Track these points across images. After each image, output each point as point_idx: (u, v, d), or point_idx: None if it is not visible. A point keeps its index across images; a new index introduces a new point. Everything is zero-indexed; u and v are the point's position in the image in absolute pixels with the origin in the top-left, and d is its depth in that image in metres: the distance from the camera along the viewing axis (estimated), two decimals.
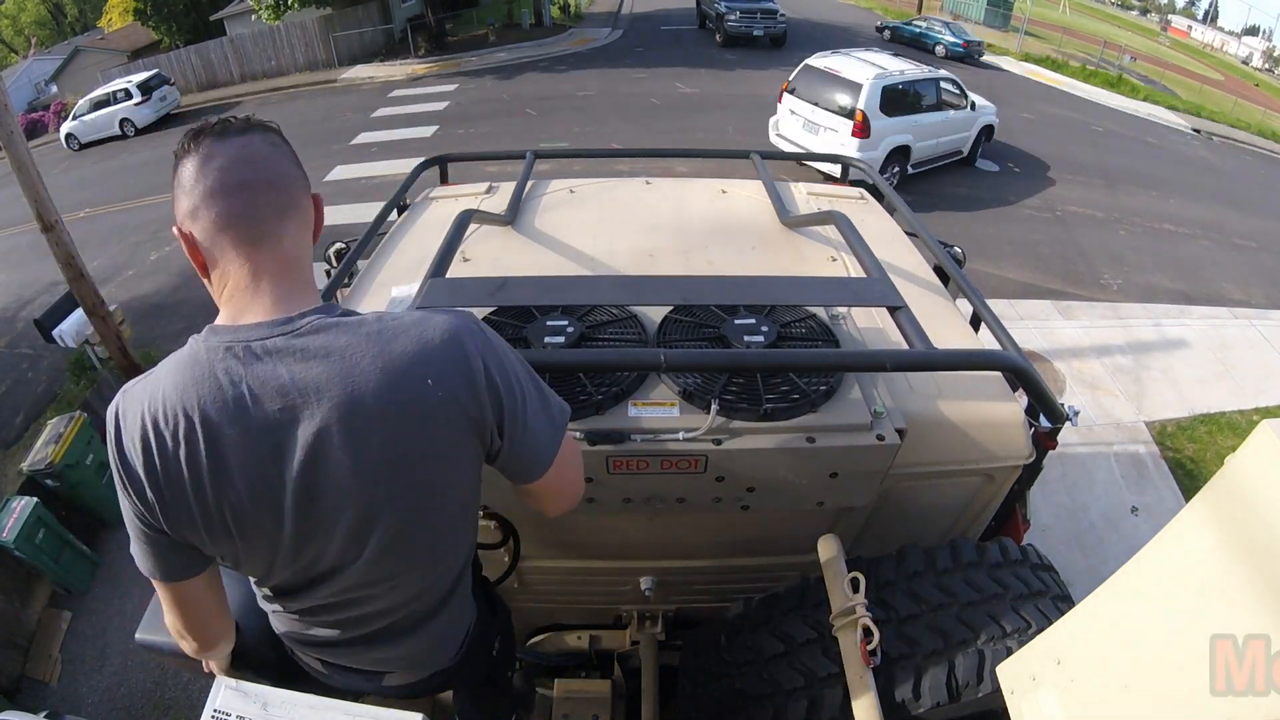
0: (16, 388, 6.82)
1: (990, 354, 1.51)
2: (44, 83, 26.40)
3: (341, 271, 2.06)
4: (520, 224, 2.29)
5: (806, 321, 1.70)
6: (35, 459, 4.67)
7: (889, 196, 2.52)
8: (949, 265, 2.04)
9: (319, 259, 2.83)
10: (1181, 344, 6.80)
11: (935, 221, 8.58)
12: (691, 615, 2.19)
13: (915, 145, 9.59)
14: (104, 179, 13.43)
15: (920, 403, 1.58)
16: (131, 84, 16.90)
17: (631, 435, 1.45)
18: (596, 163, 7.75)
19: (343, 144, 12.77)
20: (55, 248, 5.36)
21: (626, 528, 1.83)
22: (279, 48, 20.22)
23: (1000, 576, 1.47)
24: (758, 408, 1.46)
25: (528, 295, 1.65)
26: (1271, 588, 0.79)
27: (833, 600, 1.45)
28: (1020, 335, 5.96)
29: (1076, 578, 3.92)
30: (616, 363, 1.50)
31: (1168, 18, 45.94)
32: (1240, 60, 34.77)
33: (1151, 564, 0.98)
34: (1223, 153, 14.56)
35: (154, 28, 24.69)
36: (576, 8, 25.15)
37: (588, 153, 3.32)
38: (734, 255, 2.12)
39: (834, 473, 1.50)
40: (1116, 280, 8.10)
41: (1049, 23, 27.60)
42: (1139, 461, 5.34)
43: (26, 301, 8.52)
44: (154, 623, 1.32)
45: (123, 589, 4.63)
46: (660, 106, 13.97)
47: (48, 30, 33.04)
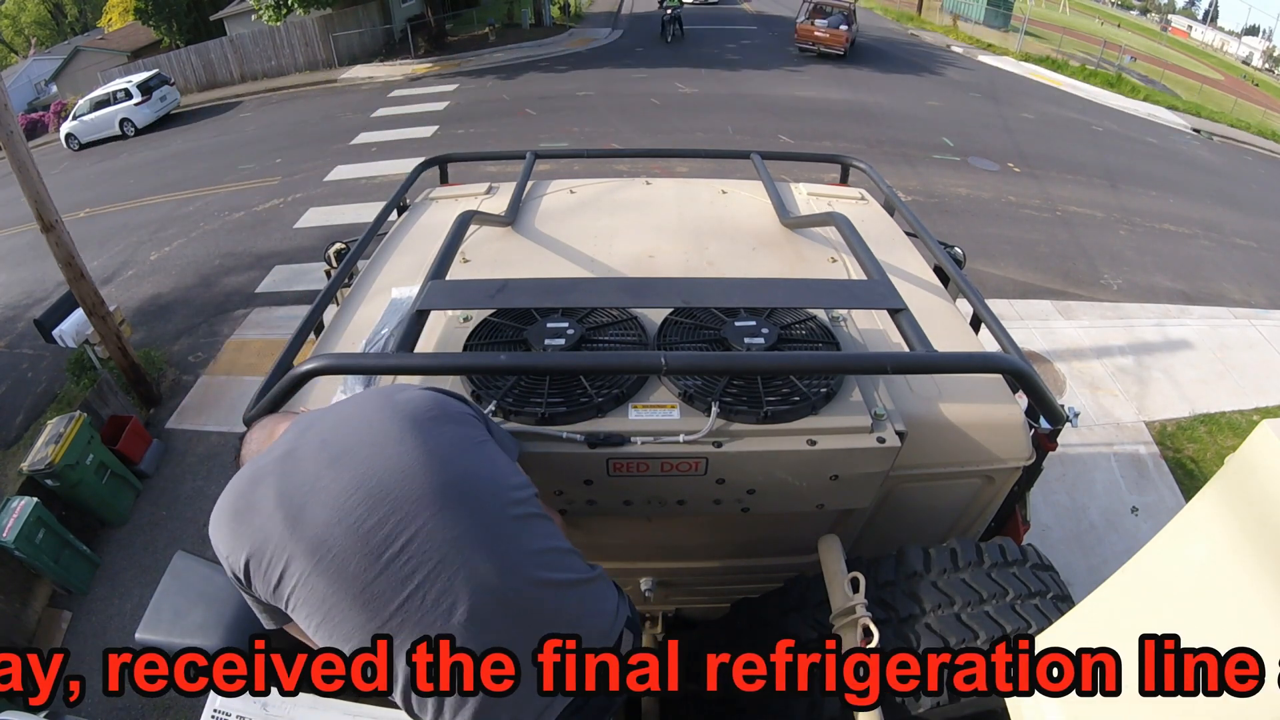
0: (16, 388, 6.82)
1: (990, 356, 1.51)
2: (44, 83, 26.40)
3: (341, 272, 2.06)
4: (520, 225, 2.29)
5: (807, 323, 1.70)
6: (35, 459, 4.66)
7: (889, 196, 2.53)
8: (949, 266, 2.04)
9: (319, 259, 2.83)
10: (1182, 344, 6.80)
11: (935, 221, 8.58)
12: (691, 616, 2.20)
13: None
14: (104, 179, 13.43)
15: (920, 404, 1.58)
16: (131, 84, 16.91)
17: (632, 438, 1.45)
18: (597, 163, 7.76)
19: (343, 144, 12.76)
20: (55, 248, 5.35)
21: (626, 529, 1.83)
22: (279, 48, 20.22)
23: (1000, 577, 1.47)
24: (758, 410, 1.46)
25: (528, 297, 1.65)
26: (1272, 586, 0.79)
27: (833, 600, 1.45)
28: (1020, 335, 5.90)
29: (1076, 578, 3.93)
30: (617, 365, 1.50)
31: (1168, 18, 45.91)
32: (1240, 60, 34.75)
33: (1151, 564, 0.98)
34: (1223, 153, 14.54)
35: (154, 28, 24.69)
36: (576, 8, 25.15)
37: (588, 153, 3.31)
38: (734, 256, 2.12)
39: (834, 475, 1.50)
40: (1117, 280, 8.10)
41: (1049, 23, 27.59)
42: (1139, 461, 5.34)
43: (27, 302, 8.52)
44: (154, 622, 1.32)
45: (122, 589, 4.63)
46: (660, 106, 13.97)
47: (48, 30, 33.02)
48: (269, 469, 1.09)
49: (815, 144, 11.69)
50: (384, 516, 1.02)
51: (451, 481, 1.07)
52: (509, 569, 1.06)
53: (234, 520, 1.07)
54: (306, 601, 1.02)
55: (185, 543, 4.89)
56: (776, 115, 13.17)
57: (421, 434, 1.11)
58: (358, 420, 1.13)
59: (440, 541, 1.03)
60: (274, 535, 1.03)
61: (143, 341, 7.08)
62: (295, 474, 1.07)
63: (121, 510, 5.11)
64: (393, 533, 1.02)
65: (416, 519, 1.03)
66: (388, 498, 1.03)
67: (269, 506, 1.04)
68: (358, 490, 1.04)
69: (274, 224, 9.80)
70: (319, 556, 1.01)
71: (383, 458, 1.07)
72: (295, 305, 7.58)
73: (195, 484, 5.39)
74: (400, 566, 1.01)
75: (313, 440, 1.11)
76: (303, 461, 1.08)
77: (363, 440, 1.09)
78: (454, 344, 1.64)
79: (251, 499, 1.07)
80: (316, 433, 1.13)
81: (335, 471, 1.06)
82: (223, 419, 5.98)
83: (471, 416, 1.22)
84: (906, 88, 15.79)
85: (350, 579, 1.01)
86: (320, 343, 1.89)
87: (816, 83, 15.79)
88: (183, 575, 1.38)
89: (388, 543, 1.01)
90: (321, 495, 1.04)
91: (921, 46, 21.33)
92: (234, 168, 12.36)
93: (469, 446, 1.14)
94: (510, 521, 1.10)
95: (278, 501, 1.04)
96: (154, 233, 10.05)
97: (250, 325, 7.40)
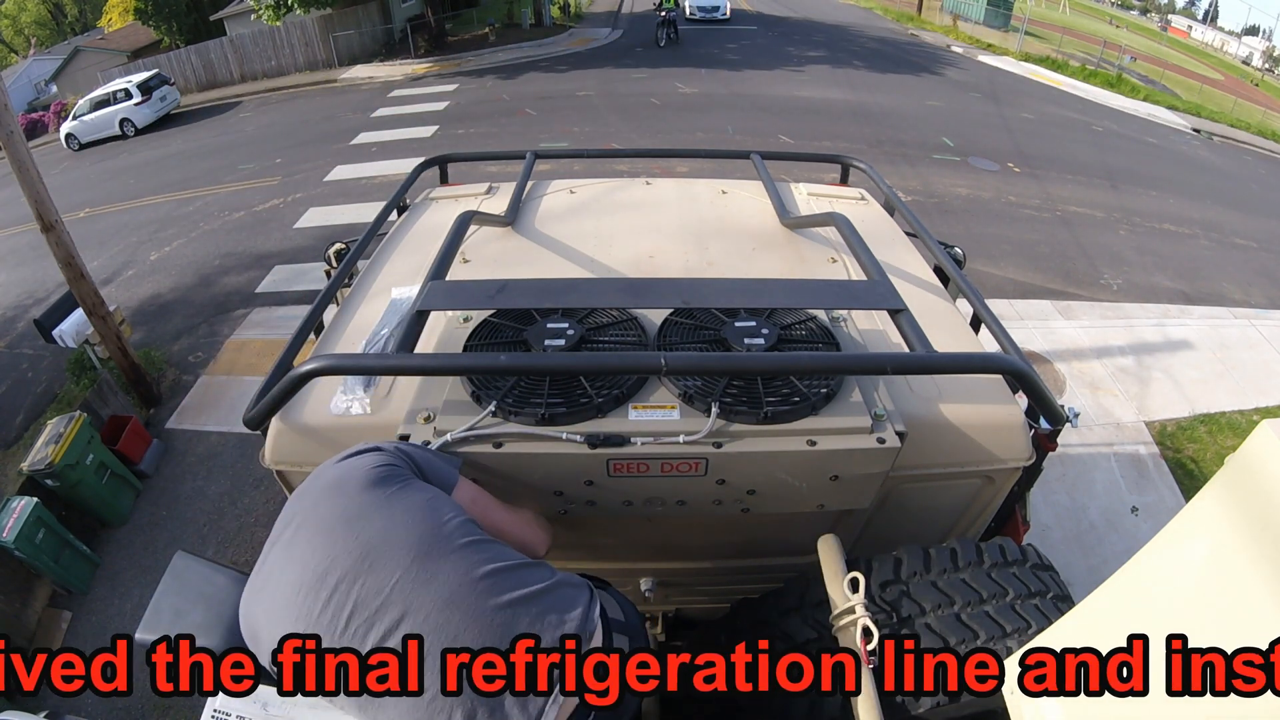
0: (16, 388, 6.82)
1: (990, 357, 1.51)
2: (44, 83, 26.42)
3: (341, 272, 2.06)
4: (520, 225, 2.29)
5: (807, 324, 1.70)
6: (35, 459, 4.67)
7: (889, 196, 2.53)
8: (949, 266, 2.04)
9: (319, 259, 2.82)
10: (1182, 344, 6.80)
11: (935, 221, 8.58)
12: (691, 616, 2.20)
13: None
14: (104, 179, 13.43)
15: (920, 405, 1.58)
16: (131, 84, 16.93)
17: (632, 438, 1.45)
18: (597, 163, 7.76)
19: (343, 144, 12.76)
20: (55, 248, 5.36)
21: (627, 529, 1.83)
22: (279, 48, 20.23)
23: (1000, 577, 1.47)
24: (758, 410, 1.46)
25: (528, 298, 1.65)
26: (1272, 586, 0.79)
27: (832, 600, 1.45)
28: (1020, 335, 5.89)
29: (1076, 578, 3.93)
30: (617, 366, 1.49)
31: (1168, 18, 45.90)
32: (1240, 60, 34.73)
33: (1151, 563, 0.98)
34: (1223, 153, 14.53)
35: (154, 27, 24.72)
36: (576, 8, 25.17)
37: (588, 153, 3.32)
38: (734, 256, 2.12)
39: (834, 475, 1.50)
40: (1117, 280, 8.10)
41: (1049, 23, 27.59)
42: (1139, 461, 5.34)
43: (27, 302, 8.52)
44: (154, 622, 1.32)
45: (122, 589, 4.63)
46: (660, 106, 13.97)
47: (48, 30, 33.04)
48: (253, 589, 1.17)
49: (815, 144, 11.69)
50: (326, 599, 1.08)
51: (371, 544, 1.10)
52: (451, 604, 1.08)
53: (250, 638, 1.18)
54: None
55: (185, 543, 4.89)
56: (776, 115, 13.17)
57: (336, 519, 1.14)
58: (295, 529, 1.17)
59: (378, 597, 1.07)
60: (267, 649, 1.12)
61: (143, 341, 7.08)
62: (260, 593, 1.15)
63: (121, 510, 5.11)
64: (338, 608, 1.07)
65: (353, 589, 1.08)
66: (324, 583, 1.08)
67: (259, 624, 1.14)
68: (299, 589, 1.09)
69: (274, 224, 9.81)
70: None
71: (314, 555, 1.11)
72: (295, 305, 7.59)
73: (195, 484, 5.39)
74: (353, 634, 1.07)
75: (271, 555, 1.17)
76: (264, 578, 1.16)
77: (298, 546, 1.14)
78: (454, 344, 1.64)
79: (247, 623, 1.17)
80: (273, 547, 1.18)
81: (285, 578, 1.12)
82: (223, 419, 5.98)
83: (376, 471, 1.20)
84: (906, 88, 15.79)
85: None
86: (320, 343, 1.89)
87: (816, 83, 15.79)
88: (183, 575, 1.37)
89: (335, 619, 1.07)
90: (284, 604, 1.11)
91: (921, 46, 21.33)
92: (234, 168, 12.38)
93: (378, 506, 1.15)
94: (442, 555, 1.12)
95: (262, 619, 1.13)
96: (154, 233, 10.06)
97: (250, 325, 7.40)
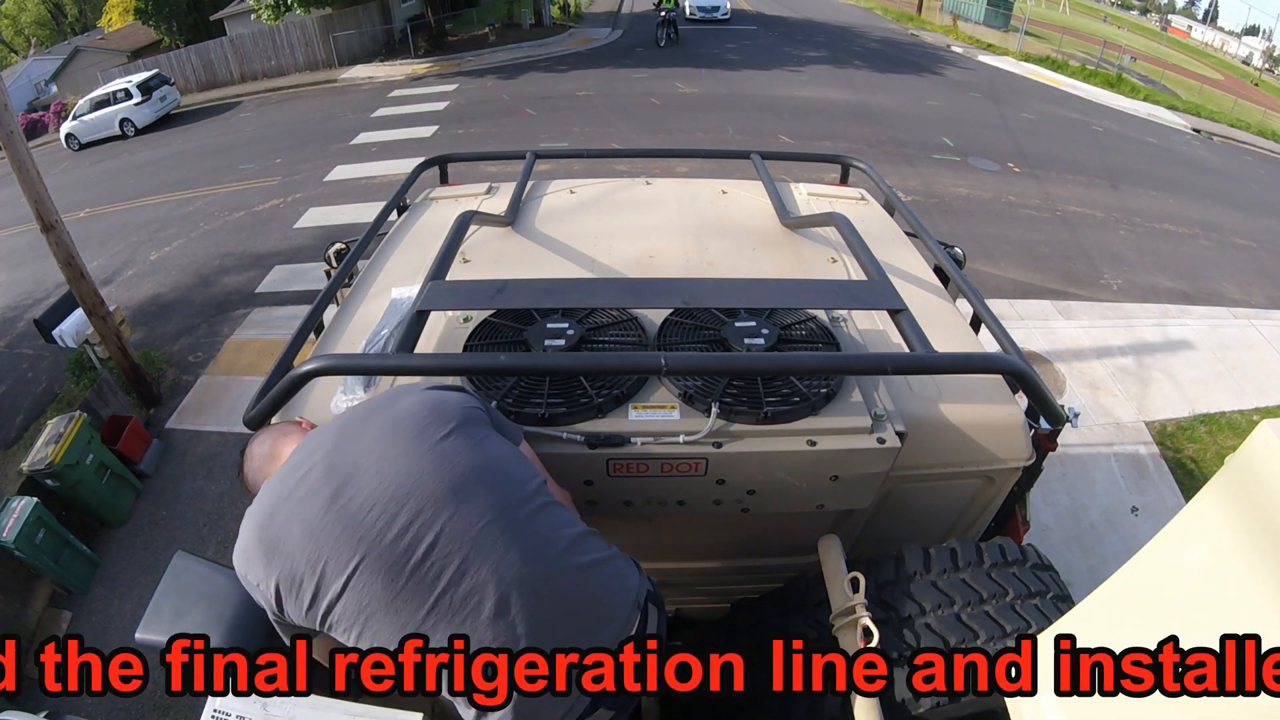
0: (16, 388, 6.82)
1: (990, 357, 1.51)
2: (44, 83, 26.41)
3: (341, 272, 2.06)
4: (520, 225, 2.29)
5: (807, 324, 1.70)
6: (35, 459, 4.66)
7: (889, 196, 2.52)
8: (949, 266, 2.04)
9: (319, 259, 2.82)
10: (1182, 344, 6.79)
11: (935, 221, 8.58)
12: (691, 616, 2.20)
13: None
14: (104, 179, 13.43)
15: (920, 405, 1.58)
16: (131, 84, 16.91)
17: (632, 438, 1.45)
18: (597, 163, 7.75)
19: (343, 144, 12.76)
20: (55, 248, 5.35)
21: (627, 529, 1.83)
22: (279, 48, 20.22)
23: (1000, 577, 1.47)
24: (758, 411, 1.46)
25: (528, 298, 1.65)
26: (1272, 586, 0.79)
27: (832, 600, 1.45)
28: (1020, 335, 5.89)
29: (1076, 578, 3.93)
30: (617, 366, 1.49)
31: (1168, 18, 45.88)
32: (1240, 60, 34.71)
33: (1151, 564, 0.98)
34: (1223, 153, 14.53)
35: (154, 28, 24.69)
36: (576, 8, 25.16)
37: (588, 153, 3.31)
38: (734, 256, 2.12)
39: (834, 475, 1.50)
40: (1117, 280, 8.10)
41: (1049, 22, 27.59)
42: (1139, 461, 5.34)
43: (27, 302, 8.52)
44: (154, 622, 1.32)
45: (122, 589, 4.63)
46: (660, 106, 13.96)
47: (48, 30, 33.02)
48: (283, 497, 1.13)
49: (815, 144, 11.69)
50: (404, 525, 1.07)
51: (462, 481, 1.11)
52: (533, 558, 1.10)
53: (261, 552, 1.11)
54: (342, 619, 1.08)
55: (185, 542, 4.89)
56: (776, 115, 13.17)
57: (424, 441, 1.14)
58: (361, 439, 1.16)
59: (463, 539, 1.07)
60: (301, 562, 1.08)
61: (143, 341, 7.08)
62: (311, 500, 1.11)
63: (121, 510, 5.11)
64: (415, 539, 1.06)
65: (436, 522, 1.07)
66: (404, 508, 1.08)
67: (293, 535, 1.09)
68: (374, 507, 1.08)
69: (274, 224, 9.80)
70: (348, 574, 1.06)
71: (392, 471, 1.10)
72: (295, 305, 7.58)
73: (195, 484, 5.39)
74: (427, 569, 1.06)
75: (321, 464, 1.14)
76: (315, 486, 1.12)
77: (370, 457, 1.13)
78: (454, 344, 1.64)
79: (274, 529, 1.11)
80: (324, 455, 1.16)
81: (349, 492, 1.10)
82: (223, 419, 5.98)
83: (471, 410, 1.24)
84: (906, 88, 15.79)
85: (381, 589, 1.06)
86: (320, 343, 1.89)
87: (816, 83, 15.79)
88: (182, 575, 1.37)
89: (412, 549, 1.06)
90: (340, 516, 1.08)
91: (921, 46, 21.32)
92: (234, 168, 12.37)
93: (472, 445, 1.17)
94: (527, 512, 1.14)
95: (300, 529, 1.09)
96: (154, 233, 10.05)
97: (250, 325, 7.40)
